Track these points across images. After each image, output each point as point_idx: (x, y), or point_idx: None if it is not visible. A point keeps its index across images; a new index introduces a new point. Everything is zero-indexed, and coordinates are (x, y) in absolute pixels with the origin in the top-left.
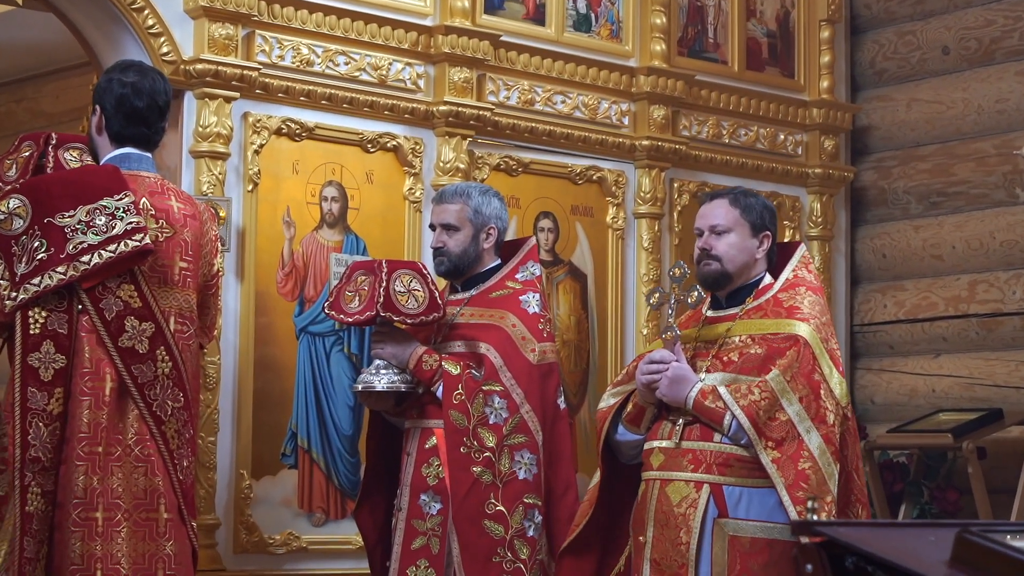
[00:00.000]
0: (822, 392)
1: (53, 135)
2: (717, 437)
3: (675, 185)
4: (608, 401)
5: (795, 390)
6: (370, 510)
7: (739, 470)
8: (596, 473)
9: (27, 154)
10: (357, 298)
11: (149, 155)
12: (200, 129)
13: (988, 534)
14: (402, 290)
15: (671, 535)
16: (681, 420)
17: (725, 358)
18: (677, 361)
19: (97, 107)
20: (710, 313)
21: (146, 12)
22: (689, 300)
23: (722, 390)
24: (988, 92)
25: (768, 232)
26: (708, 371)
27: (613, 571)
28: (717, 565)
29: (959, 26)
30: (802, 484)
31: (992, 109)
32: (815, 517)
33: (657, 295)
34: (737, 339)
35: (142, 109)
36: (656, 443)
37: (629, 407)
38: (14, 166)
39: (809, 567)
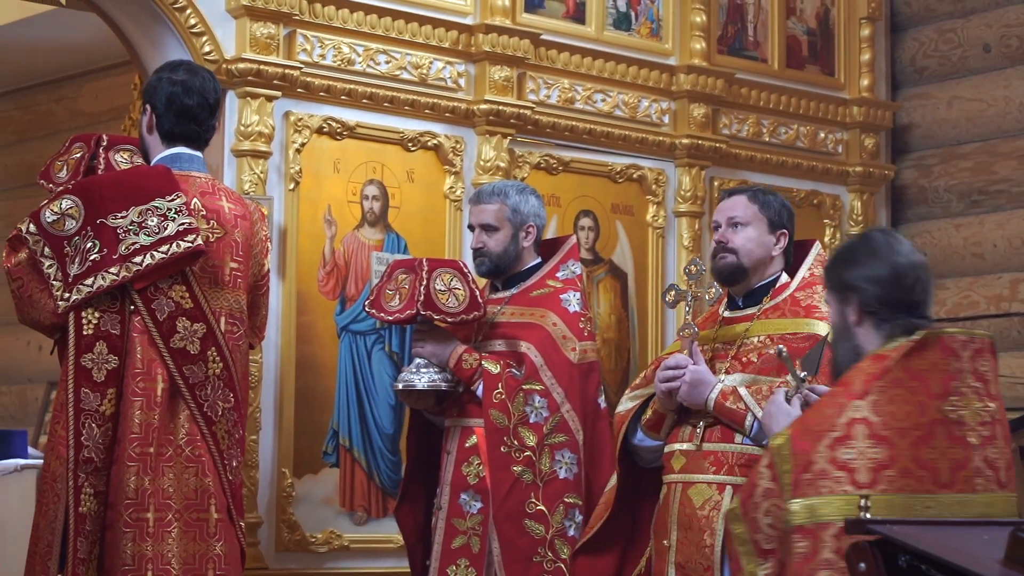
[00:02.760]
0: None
1: (104, 136)
2: (738, 438)
3: (715, 183)
4: (626, 405)
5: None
6: (410, 508)
7: None
8: (613, 476)
9: (78, 155)
10: (397, 296)
11: (200, 155)
12: (242, 128)
13: None
14: (442, 288)
15: (695, 538)
16: (702, 423)
17: (744, 359)
18: (695, 363)
19: (147, 106)
20: (727, 314)
21: (188, 11)
22: (706, 296)
23: (743, 391)
24: None
25: (785, 231)
26: (727, 372)
27: (634, 573)
28: None
29: (1000, 23)
30: None
31: None
32: (867, 516)
33: (673, 293)
34: (755, 339)
35: (193, 107)
36: (677, 446)
37: (648, 413)
38: (65, 167)
39: (862, 566)
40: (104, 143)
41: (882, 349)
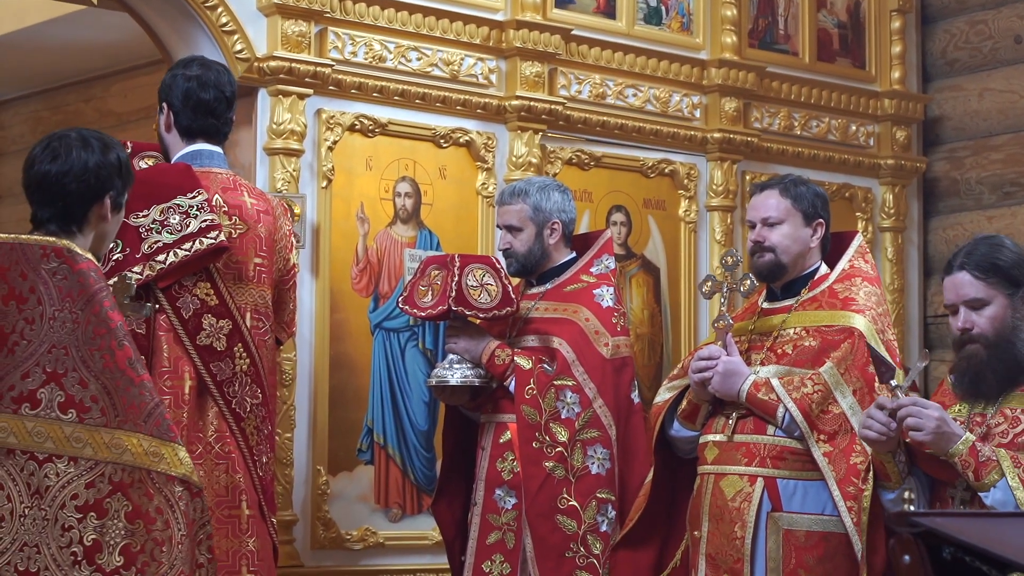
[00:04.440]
0: (876, 385)
1: (128, 143)
2: (770, 430)
3: (747, 177)
4: (663, 395)
5: (849, 383)
6: (448, 504)
7: (793, 463)
8: (650, 469)
9: None
10: (430, 292)
11: (220, 151)
12: (274, 126)
13: None
14: (474, 284)
15: (726, 529)
16: (734, 414)
17: (779, 351)
18: (728, 354)
19: (164, 105)
20: (765, 305)
21: (220, 10)
22: (741, 288)
23: (775, 382)
24: None
25: (821, 220)
26: (762, 363)
27: (670, 565)
28: (772, 559)
29: None
30: (853, 479)
31: None
32: (911, 508)
33: (709, 284)
34: (792, 331)
35: (209, 101)
36: (710, 437)
37: (684, 403)
38: None
39: (907, 558)
40: (129, 150)
41: None
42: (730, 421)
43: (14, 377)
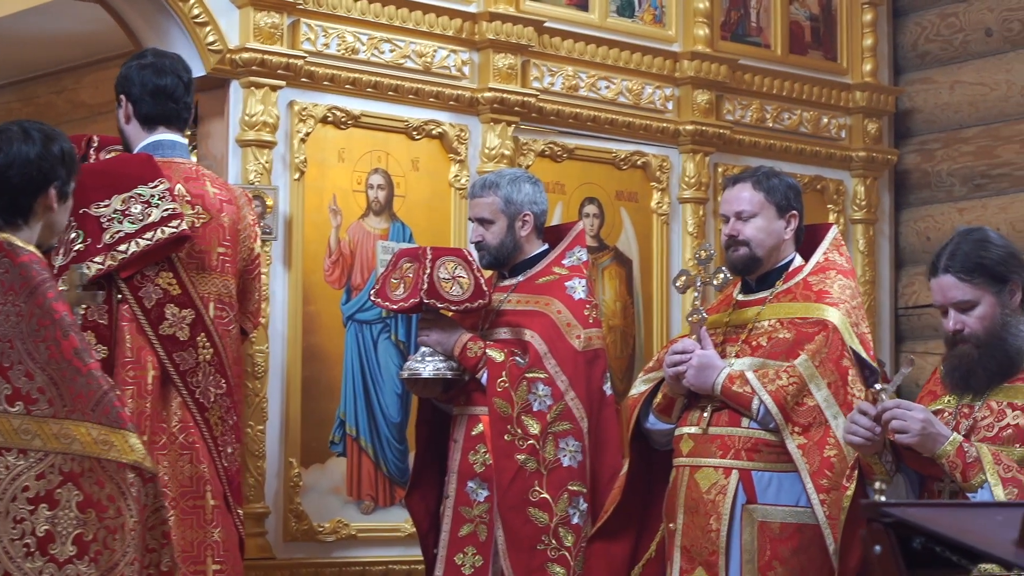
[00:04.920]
0: (850, 378)
1: (95, 137)
2: (745, 422)
3: (719, 170)
4: (638, 388)
5: (824, 375)
6: (421, 496)
7: (768, 455)
8: (625, 461)
9: None
10: (402, 285)
11: (183, 141)
12: (246, 118)
13: None
14: (446, 277)
15: (701, 522)
16: (709, 407)
17: (754, 343)
18: (702, 348)
19: (122, 97)
20: (740, 297)
21: (192, 2)
22: (715, 282)
23: (749, 375)
24: None
25: (794, 212)
26: (737, 356)
27: (644, 557)
28: (747, 551)
29: (1002, 7)
30: (826, 472)
31: None
32: (883, 499)
33: (683, 278)
34: (766, 323)
35: (167, 85)
36: (686, 429)
37: (659, 397)
38: None
39: (878, 548)
40: (95, 144)
41: None
42: (705, 414)
43: None
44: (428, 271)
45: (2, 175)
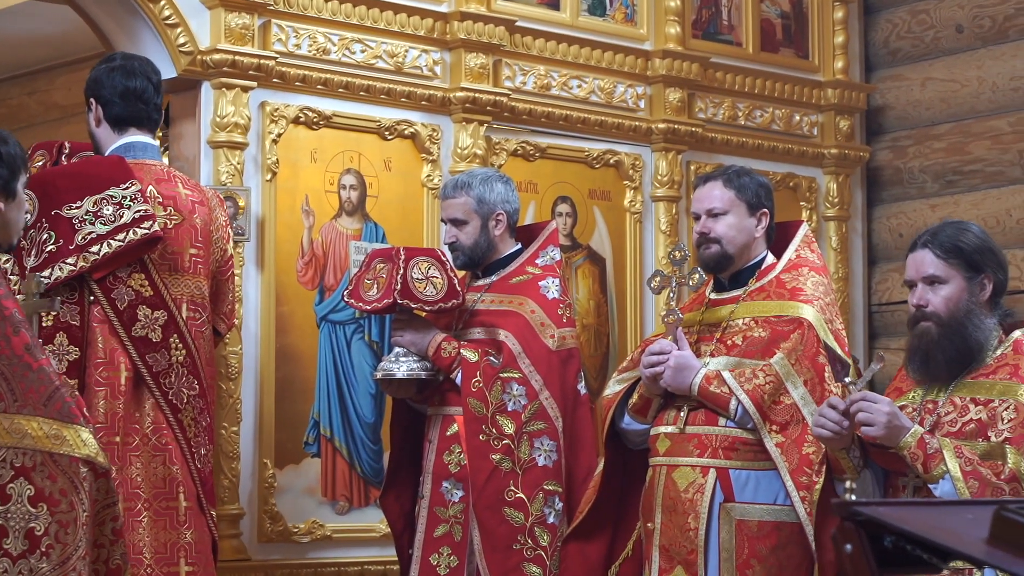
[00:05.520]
0: (827, 375)
1: (66, 144)
2: (722, 421)
3: (692, 168)
4: (613, 388)
5: (800, 373)
6: (396, 497)
7: (745, 454)
8: (600, 461)
9: (40, 164)
10: (375, 286)
11: (154, 143)
12: (218, 119)
13: None
14: (420, 277)
15: (679, 521)
16: (686, 406)
17: (729, 342)
18: (678, 348)
19: (92, 100)
20: (713, 296)
21: (162, 3)
22: (690, 283)
23: (726, 375)
24: (1002, 70)
25: (765, 209)
26: (712, 355)
27: (620, 556)
28: (725, 550)
29: (972, 4)
30: (805, 469)
31: (1007, 87)
32: (853, 497)
33: (658, 279)
34: (740, 322)
35: (136, 87)
36: (662, 429)
37: (635, 397)
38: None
39: (849, 547)
40: (67, 150)
41: None
42: (682, 413)
43: None
44: (401, 271)
45: None
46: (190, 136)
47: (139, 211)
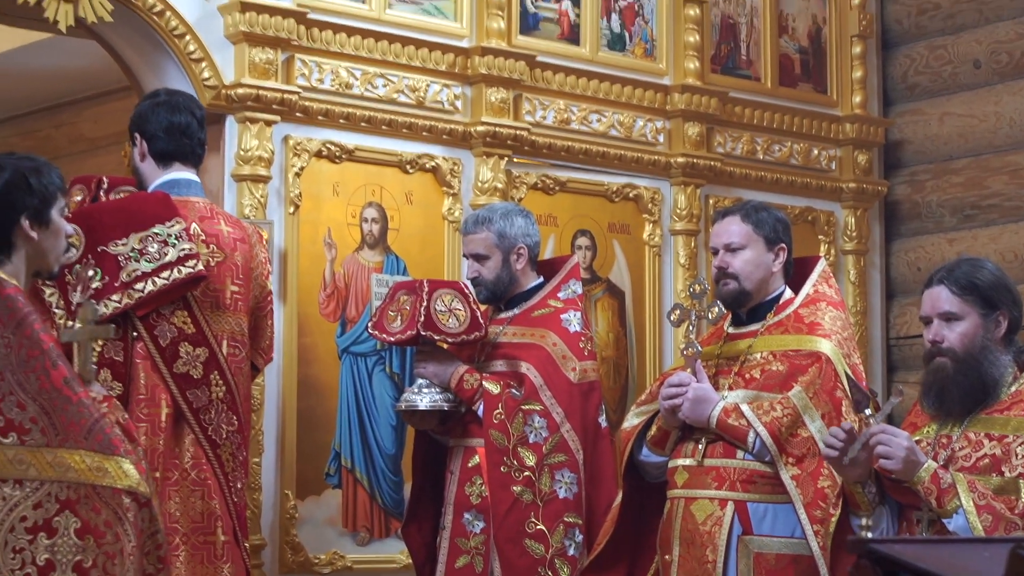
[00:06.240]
0: (843, 409)
1: (104, 179)
2: (740, 454)
3: (711, 201)
4: (632, 421)
5: (818, 407)
6: (418, 528)
7: (763, 486)
8: (619, 493)
9: (78, 198)
10: (399, 318)
11: (197, 180)
12: (242, 153)
13: None
14: (443, 309)
15: (697, 553)
16: (704, 439)
17: (747, 375)
18: (697, 381)
19: (136, 135)
20: (731, 330)
21: (187, 38)
22: (709, 316)
23: (744, 408)
24: (1020, 105)
25: (783, 244)
26: (730, 388)
27: None
28: None
29: (990, 40)
30: (820, 503)
31: None
32: (870, 535)
33: (677, 312)
34: (759, 356)
35: (181, 123)
36: (680, 461)
37: (653, 429)
38: (65, 209)
39: None
40: (105, 185)
41: None
42: (700, 446)
43: None
44: (425, 303)
45: None
46: (214, 169)
47: (183, 249)
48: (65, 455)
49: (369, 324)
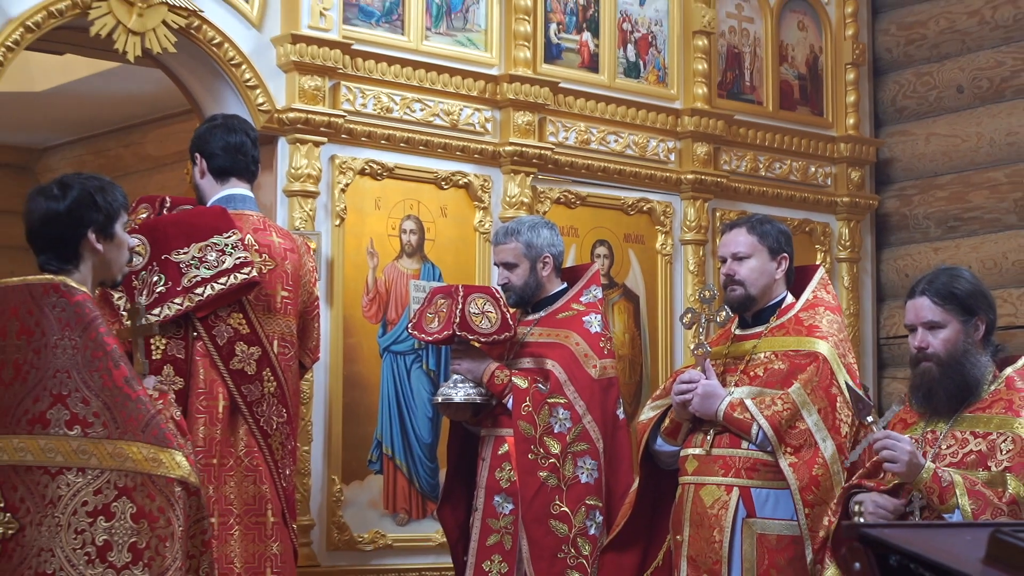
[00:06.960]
0: (838, 404)
1: (167, 198)
2: (745, 444)
3: (717, 214)
4: (648, 414)
5: (814, 402)
6: (452, 509)
7: (765, 474)
8: (635, 479)
9: (144, 216)
10: (437, 319)
11: (252, 195)
12: (292, 171)
13: (1019, 534)
14: (476, 312)
15: (705, 534)
16: (712, 430)
17: (752, 373)
18: (706, 378)
19: (196, 155)
20: (738, 331)
21: (243, 67)
22: (717, 319)
23: (748, 403)
24: (999, 126)
25: (785, 254)
26: (736, 385)
27: (652, 565)
28: (747, 561)
29: (972, 67)
30: (813, 488)
31: (1003, 142)
32: (862, 520)
33: (689, 315)
34: (762, 355)
35: (236, 142)
36: (690, 451)
37: (666, 422)
38: (129, 224)
39: (857, 565)
40: (168, 205)
41: None
42: (708, 437)
43: (27, 402)
44: (460, 306)
45: (43, 231)
46: (268, 186)
47: (239, 258)
48: (124, 447)
49: (409, 325)
